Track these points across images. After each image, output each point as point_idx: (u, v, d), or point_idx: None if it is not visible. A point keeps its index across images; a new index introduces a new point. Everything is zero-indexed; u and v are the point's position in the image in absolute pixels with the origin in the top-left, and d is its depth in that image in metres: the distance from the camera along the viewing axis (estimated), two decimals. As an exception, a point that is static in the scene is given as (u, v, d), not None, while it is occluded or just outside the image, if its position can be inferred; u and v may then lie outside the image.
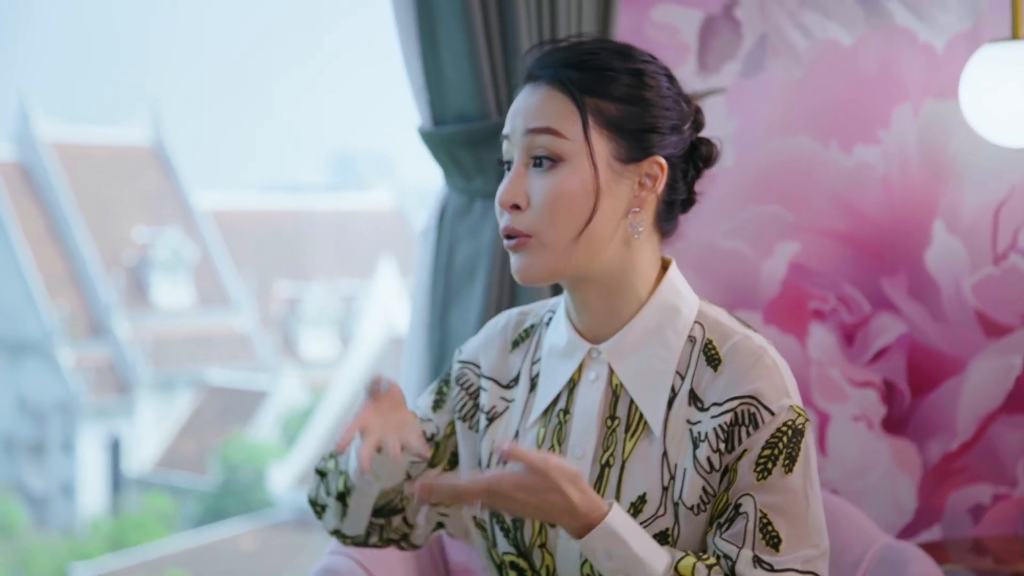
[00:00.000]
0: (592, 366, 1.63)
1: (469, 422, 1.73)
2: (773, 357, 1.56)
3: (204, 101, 44.46)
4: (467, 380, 1.75)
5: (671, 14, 2.81)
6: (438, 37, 2.59)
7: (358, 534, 1.72)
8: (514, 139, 1.59)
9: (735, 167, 2.82)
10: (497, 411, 1.71)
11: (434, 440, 1.74)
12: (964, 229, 2.80)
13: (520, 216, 1.57)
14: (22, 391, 21.75)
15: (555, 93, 1.56)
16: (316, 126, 45.86)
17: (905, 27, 2.79)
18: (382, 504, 1.69)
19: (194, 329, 22.91)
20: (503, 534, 1.66)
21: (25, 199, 22.35)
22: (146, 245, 23.02)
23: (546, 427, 1.66)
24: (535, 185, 1.56)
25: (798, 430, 1.53)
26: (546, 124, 1.55)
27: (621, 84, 1.56)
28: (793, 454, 1.52)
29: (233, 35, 46.56)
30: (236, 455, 19.78)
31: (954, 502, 2.84)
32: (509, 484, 1.47)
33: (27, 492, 20.92)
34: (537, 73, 1.59)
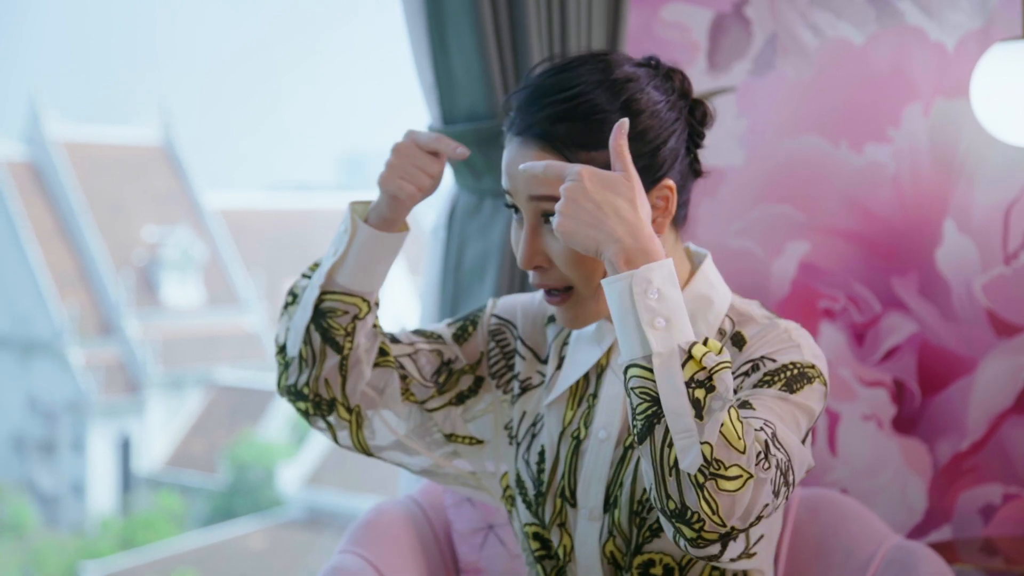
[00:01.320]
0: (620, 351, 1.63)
1: (499, 381, 1.75)
2: (798, 336, 1.55)
3: (214, 101, 44.49)
4: (503, 338, 1.76)
5: (681, 12, 2.81)
6: (448, 36, 2.59)
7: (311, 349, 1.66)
8: (517, 199, 1.57)
9: (745, 166, 2.82)
10: (532, 383, 1.73)
11: (450, 367, 1.74)
12: (975, 228, 2.79)
13: (548, 273, 1.57)
14: (32, 390, 21.79)
15: (547, 155, 1.52)
16: (326, 125, 45.90)
17: (916, 26, 2.78)
18: (332, 326, 1.64)
19: (204, 328, 22.93)
20: (525, 506, 1.68)
21: (35, 198, 22.39)
22: (156, 244, 23.05)
23: (574, 410, 1.67)
24: (552, 244, 1.55)
25: (804, 373, 1.51)
26: (547, 192, 1.52)
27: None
28: (793, 386, 1.50)
29: (242, 35, 46.59)
30: (246, 454, 19.79)
31: (964, 502, 2.84)
32: (591, 173, 1.43)
33: (37, 491, 20.96)
34: (523, 130, 1.55)
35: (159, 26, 44.79)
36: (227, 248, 24.02)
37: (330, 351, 1.65)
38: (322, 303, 1.65)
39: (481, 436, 1.75)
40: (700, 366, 1.35)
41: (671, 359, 1.35)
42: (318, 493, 18.01)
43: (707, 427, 1.33)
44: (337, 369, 1.66)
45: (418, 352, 1.73)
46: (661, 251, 1.41)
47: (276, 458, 19.40)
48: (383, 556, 2.08)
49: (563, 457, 1.67)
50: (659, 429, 1.35)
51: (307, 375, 1.66)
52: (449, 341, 1.75)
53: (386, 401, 1.70)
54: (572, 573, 1.67)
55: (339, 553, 2.08)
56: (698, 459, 1.32)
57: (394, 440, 1.73)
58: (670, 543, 1.58)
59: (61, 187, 22.54)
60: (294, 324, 1.67)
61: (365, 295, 1.65)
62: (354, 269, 1.65)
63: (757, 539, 1.57)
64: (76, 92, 41.16)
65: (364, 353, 1.67)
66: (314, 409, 1.69)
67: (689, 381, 1.34)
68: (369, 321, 1.67)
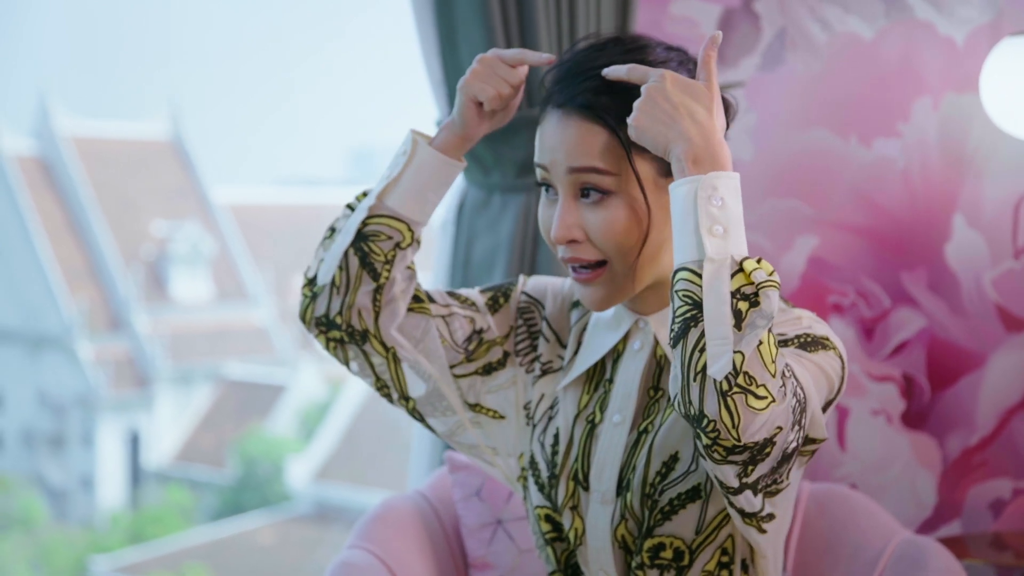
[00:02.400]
0: (637, 336, 1.65)
1: (522, 359, 1.76)
2: (810, 321, 1.54)
3: (223, 95, 44.52)
4: (531, 317, 1.77)
5: (690, 7, 2.80)
6: (456, 31, 2.59)
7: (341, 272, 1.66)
8: (555, 173, 1.57)
9: (754, 161, 2.81)
10: (552, 367, 1.74)
11: (481, 336, 1.75)
12: (984, 223, 2.79)
13: (581, 247, 1.57)
14: (42, 385, 21.82)
15: (590, 125, 1.54)
16: (334, 120, 45.90)
17: (925, 20, 2.78)
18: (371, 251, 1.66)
19: (212, 323, 22.95)
20: (537, 488, 1.68)
21: (44, 193, 22.42)
22: (165, 239, 23.07)
23: (590, 394, 1.68)
24: (588, 218, 1.55)
25: (818, 341, 1.51)
26: (591, 163, 1.54)
27: None
28: (808, 348, 1.50)
29: (251, 29, 46.62)
30: (254, 449, 19.81)
31: (974, 497, 2.83)
32: (674, 77, 1.46)
33: (47, 485, 20.99)
34: (566, 102, 1.56)
35: (168, 21, 44.82)
36: (236, 243, 24.04)
37: (366, 277, 1.66)
38: (366, 226, 1.65)
39: (502, 411, 1.76)
40: (748, 280, 1.36)
41: (722, 267, 1.36)
42: (327, 488, 18.02)
43: (745, 338, 1.33)
44: (371, 299, 1.66)
45: (452, 315, 1.73)
46: (729, 160, 1.43)
47: (285, 453, 19.42)
48: (392, 551, 2.08)
49: (577, 440, 1.67)
50: (694, 332, 1.36)
51: (339, 303, 1.66)
52: (483, 309, 1.76)
53: (424, 350, 1.71)
54: (583, 556, 1.67)
55: (348, 548, 2.08)
56: (728, 366, 1.33)
57: (426, 390, 1.73)
58: (680, 526, 1.58)
59: (70, 182, 22.56)
60: (331, 251, 1.68)
61: (412, 223, 1.67)
62: (407, 192, 1.66)
63: (768, 514, 1.55)
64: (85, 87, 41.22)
65: (400, 292, 1.68)
66: (348, 337, 1.69)
67: (735, 292, 1.35)
68: (409, 255, 1.68)
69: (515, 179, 2.65)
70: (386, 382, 1.72)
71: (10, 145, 22.26)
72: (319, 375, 21.97)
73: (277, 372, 22.13)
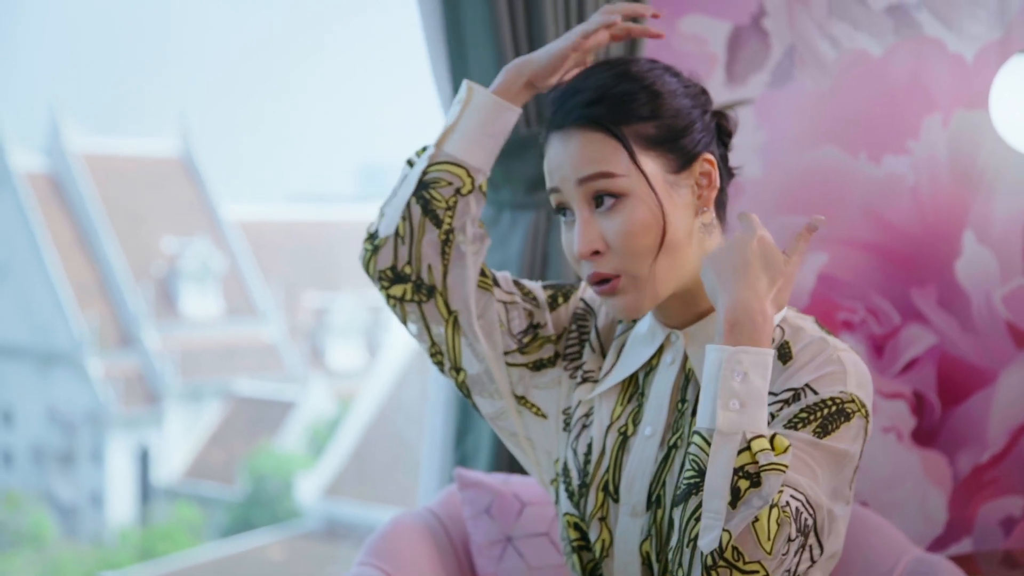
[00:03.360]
0: (670, 350, 1.67)
1: (567, 363, 1.77)
2: (844, 359, 1.55)
3: (233, 112, 44.63)
4: (584, 324, 1.79)
5: (699, 25, 2.81)
6: (466, 47, 2.59)
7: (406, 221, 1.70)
8: (566, 190, 1.60)
9: (763, 178, 2.81)
10: (592, 376, 1.75)
11: (536, 331, 1.78)
12: (994, 240, 2.79)
13: (602, 259, 1.60)
14: (52, 401, 21.85)
15: (591, 135, 1.58)
16: (344, 137, 45.99)
17: (934, 37, 2.78)
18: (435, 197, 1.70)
19: (222, 339, 22.98)
20: (567, 495, 1.69)
21: (55, 210, 22.47)
22: (175, 256, 23.11)
23: (624, 406, 1.69)
24: (606, 226, 1.58)
25: (843, 410, 1.51)
26: (596, 170, 1.57)
27: (642, 103, 1.59)
28: (828, 426, 1.50)
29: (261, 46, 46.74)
30: (264, 465, 19.81)
31: (985, 514, 2.83)
32: (763, 239, 1.51)
33: (56, 502, 21.00)
34: (564, 121, 1.60)
35: (179, 38, 44.96)
36: (246, 259, 24.08)
37: (429, 225, 1.70)
38: (427, 175, 1.70)
39: (545, 410, 1.77)
40: (753, 459, 1.39)
41: (730, 442, 1.40)
42: (336, 504, 18.01)
43: (737, 516, 1.37)
44: (439, 253, 1.70)
45: (514, 304, 1.77)
46: (769, 337, 1.46)
47: (294, 469, 19.41)
48: (401, 568, 2.07)
49: (609, 451, 1.68)
50: (694, 500, 1.41)
51: (406, 252, 1.70)
52: (543, 305, 1.79)
53: (483, 326, 1.73)
54: (607, 568, 1.68)
55: (357, 565, 2.08)
56: (714, 542, 1.37)
57: (479, 371, 1.75)
58: None
59: (81, 199, 22.62)
60: (392, 204, 1.72)
61: (471, 169, 1.71)
62: (464, 137, 1.71)
63: None
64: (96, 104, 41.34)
65: (471, 254, 1.72)
66: (413, 292, 1.72)
67: (738, 469, 1.38)
68: (472, 205, 1.71)
69: (525, 196, 2.65)
70: (441, 348, 1.75)
71: (21, 162, 22.32)
72: (328, 392, 21.98)
73: (286, 388, 22.14)
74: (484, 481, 2.23)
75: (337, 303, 24.24)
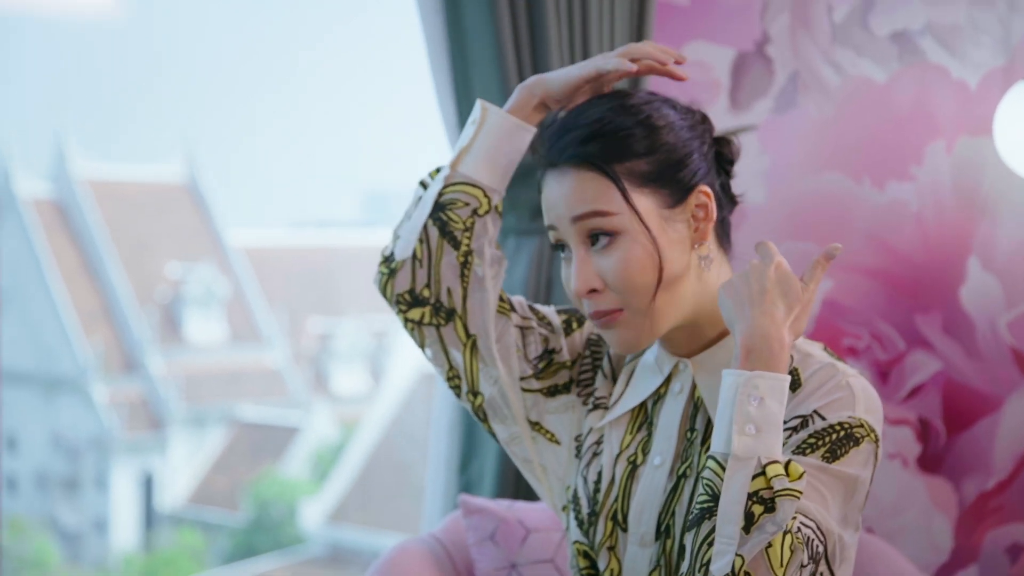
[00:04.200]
0: (678, 378, 1.66)
1: (580, 389, 1.77)
2: (853, 384, 1.54)
3: (237, 138, 44.76)
4: (598, 350, 1.79)
5: (703, 51, 2.81)
6: (471, 76, 2.60)
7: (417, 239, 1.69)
8: (562, 228, 1.60)
9: (768, 204, 2.82)
10: (603, 404, 1.74)
11: (551, 356, 1.77)
12: (999, 266, 2.79)
13: (601, 297, 1.59)
14: (56, 427, 21.83)
15: (584, 173, 1.58)
16: (348, 163, 46.08)
17: (938, 64, 2.78)
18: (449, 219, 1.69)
19: (226, 365, 22.97)
20: (576, 524, 1.68)
21: (60, 236, 22.50)
22: (179, 281, 23.13)
23: (633, 435, 1.68)
24: (601, 265, 1.58)
25: (852, 435, 1.50)
26: (589, 208, 1.57)
27: (638, 138, 1.58)
28: (837, 451, 1.49)
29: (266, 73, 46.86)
30: (268, 491, 19.78)
31: (991, 541, 2.82)
32: (781, 266, 1.52)
33: (60, 528, 20.97)
34: (557, 160, 1.60)
35: (185, 66, 45.10)
36: (250, 285, 24.09)
37: (447, 246, 1.69)
38: (442, 196, 1.69)
39: (559, 436, 1.76)
40: (768, 484, 1.39)
41: (745, 467, 1.40)
42: (340, 530, 17.97)
43: (750, 542, 1.37)
44: (458, 276, 1.69)
45: (530, 329, 1.76)
46: (786, 364, 1.46)
47: (298, 495, 19.38)
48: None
49: (618, 480, 1.67)
50: (707, 525, 1.40)
51: (425, 275, 1.69)
52: (558, 330, 1.78)
53: (500, 350, 1.73)
54: None
55: (362, 592, 2.07)
56: (727, 567, 1.37)
57: (492, 395, 1.74)
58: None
59: (86, 225, 22.65)
60: (408, 227, 1.71)
61: (487, 189, 1.70)
62: (479, 157, 1.69)
63: None
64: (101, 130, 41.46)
65: (490, 278, 1.71)
66: (432, 315, 1.71)
67: (753, 494, 1.38)
68: (489, 226, 1.70)
69: (529, 222, 2.65)
70: (459, 372, 1.74)
71: (26, 188, 22.37)
72: (332, 417, 21.96)
73: (291, 414, 22.11)
74: (488, 507, 2.22)
75: (341, 328, 24.24)
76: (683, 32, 2.80)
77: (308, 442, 21.22)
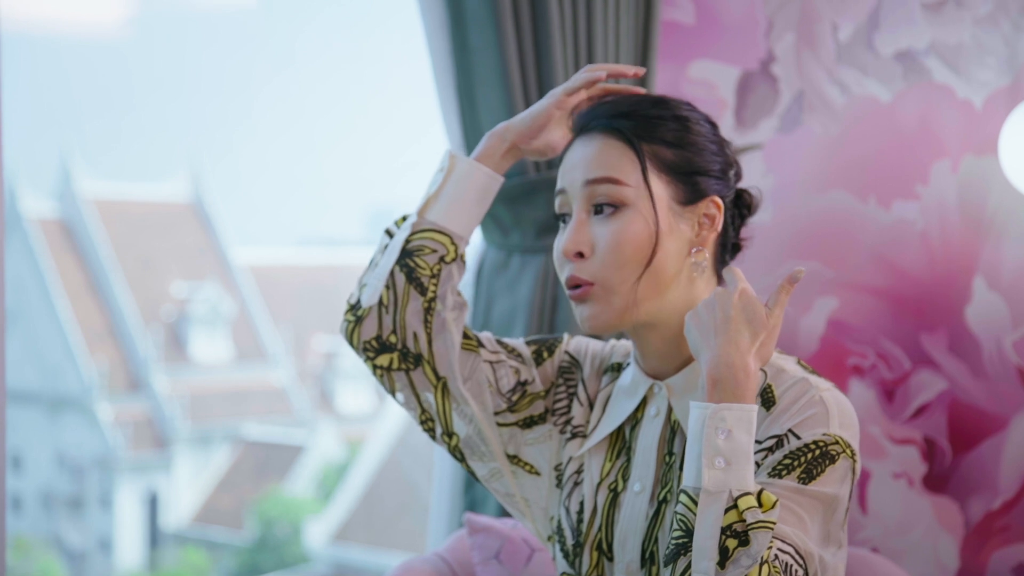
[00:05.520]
0: (654, 401, 1.65)
1: (557, 419, 1.76)
2: (827, 399, 1.53)
3: (243, 157, 44.84)
4: (571, 377, 1.78)
5: (708, 70, 2.82)
6: (475, 94, 2.60)
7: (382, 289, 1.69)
8: (572, 192, 1.61)
9: (773, 223, 2.82)
10: (581, 432, 1.74)
11: (524, 388, 1.76)
12: (1005, 285, 2.78)
13: (584, 264, 1.59)
14: (61, 446, 21.85)
15: (610, 141, 1.60)
16: (353, 181, 46.15)
17: (943, 83, 2.78)
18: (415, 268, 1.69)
19: (232, 384, 23.00)
20: (563, 555, 1.67)
21: (66, 255, 22.56)
22: (184, 300, 23.17)
23: (612, 462, 1.68)
24: (598, 231, 1.58)
25: (827, 453, 1.49)
26: (606, 174, 1.58)
27: (670, 129, 1.60)
28: (812, 471, 1.48)
29: (272, 92, 46.98)
30: (272, 509, 19.78)
31: (997, 561, 2.81)
32: (745, 293, 1.50)
33: (65, 547, 20.96)
34: (589, 125, 1.63)
35: (190, 84, 45.23)
36: (255, 303, 24.13)
37: (414, 292, 1.69)
38: (410, 243, 1.70)
39: (538, 467, 1.76)
40: (740, 518, 1.38)
41: (717, 501, 1.39)
42: (345, 549, 17.95)
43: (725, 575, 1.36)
44: (422, 321, 1.69)
45: (500, 363, 1.75)
46: (753, 393, 1.45)
47: (303, 514, 19.38)
48: (410, 614, 2.06)
49: (600, 509, 1.66)
50: (682, 561, 1.40)
51: (391, 321, 1.69)
52: (528, 361, 1.77)
53: (470, 388, 1.72)
54: None
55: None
56: None
57: (468, 433, 1.74)
58: None
59: (91, 244, 22.71)
60: (375, 274, 1.71)
61: (454, 236, 1.70)
62: (447, 205, 1.70)
63: None
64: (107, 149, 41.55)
65: (452, 320, 1.70)
66: (399, 361, 1.70)
67: (726, 528, 1.38)
68: (455, 273, 1.71)
69: (535, 240, 2.65)
70: (432, 415, 1.74)
71: (32, 207, 22.42)
72: (337, 435, 21.96)
73: (295, 433, 22.12)
74: (494, 526, 2.22)
75: (346, 347, 24.25)
76: (688, 51, 2.81)
77: (313, 461, 21.22)
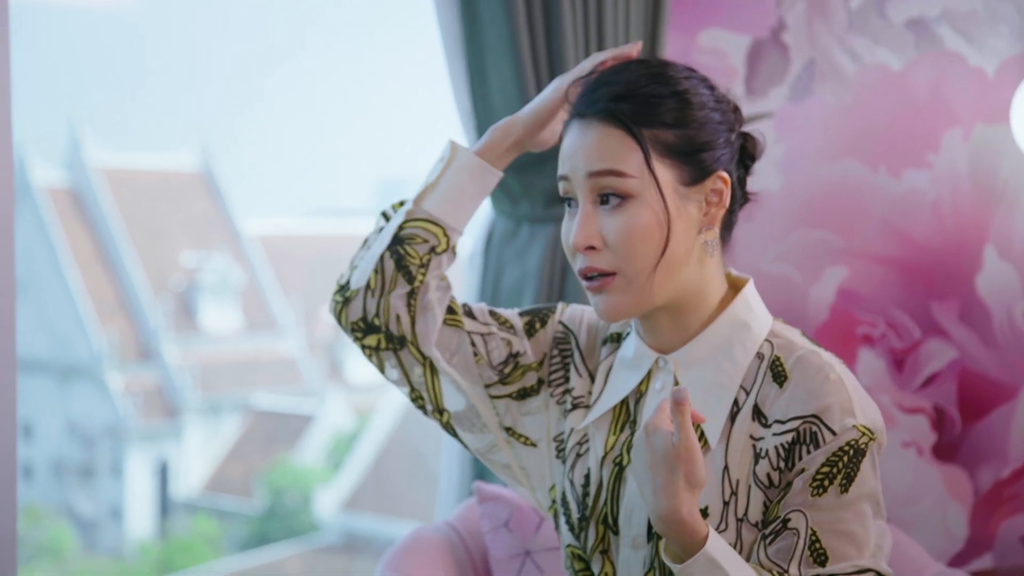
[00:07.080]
0: (659, 376, 1.64)
1: (553, 389, 1.76)
2: (840, 373, 1.53)
3: (252, 126, 44.81)
4: (566, 347, 1.77)
5: (719, 39, 2.81)
6: (486, 63, 2.60)
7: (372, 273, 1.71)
8: (575, 180, 1.58)
9: (783, 191, 2.81)
10: (583, 403, 1.73)
11: (516, 360, 1.75)
12: (1016, 254, 2.78)
13: (598, 255, 1.57)
14: (72, 415, 21.91)
15: (610, 130, 1.55)
16: (363, 150, 46.12)
17: (955, 51, 2.77)
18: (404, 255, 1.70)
19: (241, 353, 23.02)
20: (568, 528, 1.67)
21: (75, 225, 22.57)
22: (194, 270, 23.18)
23: (616, 435, 1.67)
24: (606, 224, 1.55)
25: (860, 450, 1.51)
26: (609, 166, 1.54)
27: (669, 108, 1.56)
28: (851, 474, 1.50)
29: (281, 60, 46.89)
30: (282, 479, 19.83)
31: (1006, 530, 2.81)
32: (653, 427, 1.45)
33: (76, 515, 21.05)
34: (586, 110, 1.58)
35: (199, 54, 45.17)
36: (265, 273, 24.13)
37: (401, 280, 1.70)
38: (402, 230, 1.70)
39: (535, 438, 1.75)
40: None
41: None
42: (355, 518, 18.02)
43: None
44: (405, 304, 1.70)
45: (491, 335, 1.75)
46: (699, 527, 1.43)
47: (313, 483, 19.44)
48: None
49: (606, 482, 1.66)
50: None
51: (375, 304, 1.70)
52: (520, 333, 1.76)
53: (457, 364, 1.73)
54: None
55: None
56: None
57: (465, 406, 1.74)
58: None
59: (101, 213, 22.71)
60: (366, 257, 1.72)
61: (448, 228, 1.71)
62: (444, 196, 1.71)
63: None
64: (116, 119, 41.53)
65: (435, 301, 1.71)
66: (385, 342, 1.72)
67: None
68: (444, 262, 1.71)
69: (544, 209, 2.65)
70: (421, 393, 1.74)
71: (41, 177, 22.42)
72: (347, 405, 22.00)
73: (305, 402, 22.16)
74: (503, 495, 2.22)
75: (356, 318, 24.26)
76: (699, 19, 2.80)
77: (323, 430, 21.26)
